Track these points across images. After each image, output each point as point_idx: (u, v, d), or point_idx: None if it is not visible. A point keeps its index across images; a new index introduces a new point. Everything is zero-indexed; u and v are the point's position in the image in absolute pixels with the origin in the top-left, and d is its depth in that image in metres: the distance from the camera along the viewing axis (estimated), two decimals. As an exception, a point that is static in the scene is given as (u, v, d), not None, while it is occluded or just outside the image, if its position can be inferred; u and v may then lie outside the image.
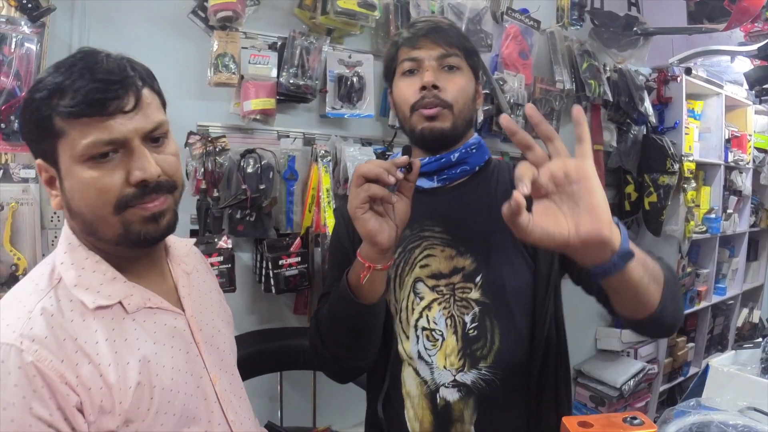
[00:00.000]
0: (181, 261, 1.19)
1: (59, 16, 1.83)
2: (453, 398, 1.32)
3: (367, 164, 1.14)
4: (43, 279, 0.99)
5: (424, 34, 1.35)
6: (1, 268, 1.64)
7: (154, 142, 0.99)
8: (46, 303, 0.94)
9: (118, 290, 1.01)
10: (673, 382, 3.98)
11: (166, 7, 2.04)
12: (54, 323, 0.92)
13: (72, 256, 1.01)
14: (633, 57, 3.44)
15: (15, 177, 1.66)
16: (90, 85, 0.92)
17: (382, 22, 2.43)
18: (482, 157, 1.43)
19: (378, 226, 1.15)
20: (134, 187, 0.95)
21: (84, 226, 0.99)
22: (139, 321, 1.02)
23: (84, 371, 0.91)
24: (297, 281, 2.17)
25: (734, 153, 4.27)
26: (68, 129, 0.92)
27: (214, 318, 1.23)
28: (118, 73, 0.95)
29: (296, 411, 2.32)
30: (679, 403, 1.47)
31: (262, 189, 2.09)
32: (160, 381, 1.00)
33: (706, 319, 4.24)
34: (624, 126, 3.59)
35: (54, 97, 0.92)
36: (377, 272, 1.20)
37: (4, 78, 1.62)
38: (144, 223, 0.97)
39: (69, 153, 0.93)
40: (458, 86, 1.34)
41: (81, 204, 0.96)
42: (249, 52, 2.09)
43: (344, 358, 1.35)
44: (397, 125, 2.45)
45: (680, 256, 3.76)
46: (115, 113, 0.92)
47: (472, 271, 1.33)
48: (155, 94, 1.02)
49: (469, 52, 1.39)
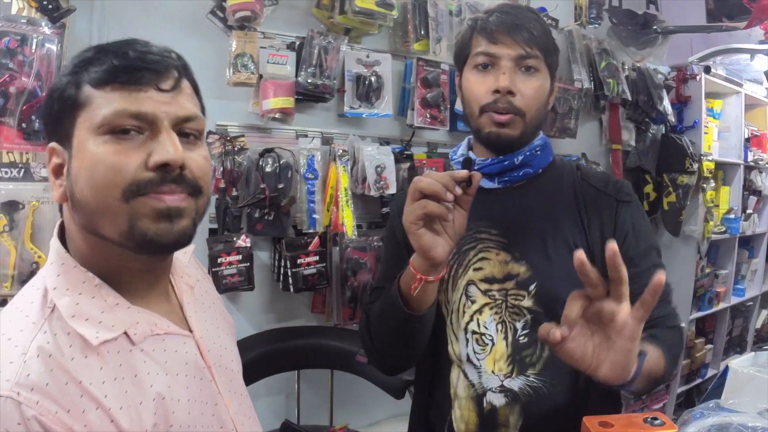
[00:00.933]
0: (183, 273, 1.04)
1: (79, 17, 1.84)
2: (499, 403, 1.30)
3: (425, 178, 1.08)
4: (34, 309, 0.82)
5: (504, 28, 1.26)
6: (23, 266, 1.65)
7: (185, 137, 0.86)
8: (41, 341, 0.78)
9: (122, 318, 0.85)
10: (691, 384, 3.94)
11: (184, 8, 2.05)
12: (53, 365, 0.77)
13: (66, 279, 0.84)
14: (652, 55, 3.41)
15: (36, 176, 1.67)
16: (130, 53, 0.82)
17: (400, 21, 2.43)
18: (546, 158, 1.37)
19: (432, 241, 1.10)
20: (152, 172, 0.80)
21: (85, 220, 0.83)
22: (147, 351, 0.87)
23: (92, 419, 0.77)
24: (315, 280, 2.18)
25: (754, 152, 4.22)
26: (94, 97, 0.81)
27: (220, 335, 1.09)
28: (159, 53, 0.85)
29: (313, 409, 2.32)
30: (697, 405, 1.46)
31: (280, 188, 2.09)
32: (176, 419, 0.87)
33: (724, 321, 4.20)
34: (643, 125, 3.57)
35: (86, 67, 0.83)
36: (428, 284, 1.16)
37: (25, 78, 1.63)
38: (155, 220, 0.81)
39: (87, 124, 0.81)
40: (534, 91, 1.27)
41: (86, 187, 0.80)
42: (267, 52, 2.10)
43: (390, 355, 1.35)
44: (415, 124, 2.45)
45: (699, 257, 3.74)
46: (148, 86, 0.82)
47: (526, 279, 1.29)
48: (195, 94, 0.92)
49: (549, 51, 1.31)
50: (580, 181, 1.38)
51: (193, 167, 0.85)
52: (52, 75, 1.67)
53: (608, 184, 1.36)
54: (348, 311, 2.29)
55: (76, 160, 0.81)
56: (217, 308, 1.15)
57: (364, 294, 2.28)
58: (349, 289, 2.27)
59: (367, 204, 2.43)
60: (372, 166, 2.27)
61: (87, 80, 0.81)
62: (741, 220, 4.05)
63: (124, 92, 0.80)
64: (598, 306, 0.93)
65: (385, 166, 2.30)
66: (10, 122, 1.61)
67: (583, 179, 1.38)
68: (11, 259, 1.63)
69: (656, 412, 1.03)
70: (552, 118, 2.99)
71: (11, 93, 1.61)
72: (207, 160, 0.90)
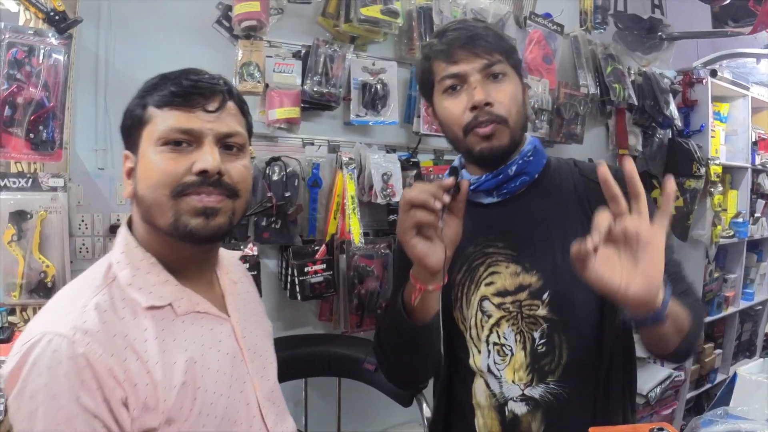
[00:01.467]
0: (228, 270, 1.23)
1: (86, 28, 1.85)
2: (521, 411, 1.31)
3: (413, 190, 1.12)
4: (98, 276, 1.03)
5: (460, 45, 1.26)
6: (31, 275, 1.65)
7: (229, 150, 1.06)
8: (100, 299, 0.98)
9: (169, 292, 1.05)
10: (701, 389, 3.92)
11: (190, 17, 2.06)
12: (106, 318, 0.96)
13: (128, 256, 1.05)
14: (657, 60, 3.41)
15: (44, 186, 1.67)
16: (184, 82, 1.03)
17: (405, 29, 2.43)
18: (540, 162, 1.37)
19: (427, 250, 1.14)
20: (195, 176, 1.00)
21: (144, 213, 1.04)
22: (187, 324, 1.06)
23: (132, 367, 0.95)
24: (322, 288, 2.18)
25: (761, 155, 4.21)
26: (155, 116, 1.02)
27: (257, 329, 1.25)
28: (209, 80, 1.06)
29: (321, 417, 2.32)
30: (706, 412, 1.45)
31: (287, 196, 2.10)
32: (204, 383, 1.03)
33: (733, 325, 4.18)
34: (649, 130, 3.56)
35: (152, 90, 1.04)
36: (429, 293, 1.19)
37: (32, 89, 1.64)
38: (194, 216, 1.00)
39: (149, 137, 1.02)
40: (509, 96, 1.27)
41: (144, 186, 1.02)
42: (273, 61, 2.10)
43: (402, 368, 1.39)
44: (421, 132, 2.45)
45: (707, 261, 3.72)
46: (197, 108, 1.02)
47: (538, 289, 1.30)
48: (242, 115, 1.11)
49: (509, 53, 1.30)
50: (579, 177, 1.38)
51: (232, 174, 1.04)
52: (59, 85, 1.68)
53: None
54: (355, 319, 2.29)
55: (140, 165, 1.03)
56: (257, 309, 1.32)
57: (372, 302, 2.28)
58: (356, 296, 2.27)
59: (373, 212, 2.43)
60: (378, 173, 2.27)
61: (151, 102, 1.03)
62: (749, 224, 4.03)
63: (178, 112, 1.01)
64: (622, 224, 0.98)
65: (391, 174, 2.30)
66: (18, 132, 1.62)
67: (582, 175, 1.38)
68: (19, 268, 1.63)
69: (663, 423, 1.03)
70: (558, 124, 2.99)
71: (19, 103, 1.61)
72: (247, 168, 1.09)
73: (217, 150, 1.02)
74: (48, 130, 1.66)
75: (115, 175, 1.97)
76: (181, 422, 0.99)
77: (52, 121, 1.66)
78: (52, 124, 1.66)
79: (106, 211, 1.97)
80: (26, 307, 1.66)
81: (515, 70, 1.32)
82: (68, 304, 0.98)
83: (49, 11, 1.65)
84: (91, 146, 1.95)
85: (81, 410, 0.90)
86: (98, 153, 1.96)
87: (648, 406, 3.42)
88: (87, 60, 1.89)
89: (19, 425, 0.92)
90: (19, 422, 0.92)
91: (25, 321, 1.66)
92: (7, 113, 1.60)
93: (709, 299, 3.83)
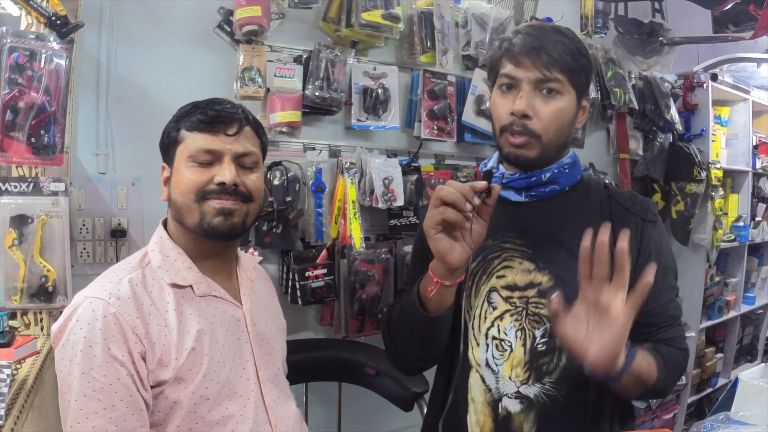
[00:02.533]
0: (247, 269, 1.46)
1: (87, 32, 1.86)
2: (514, 409, 1.32)
3: (446, 187, 1.14)
4: (135, 260, 1.30)
5: (526, 52, 1.27)
6: (32, 280, 1.65)
7: (245, 167, 1.30)
8: (133, 275, 1.25)
9: (192, 276, 1.29)
10: (702, 394, 3.91)
11: (192, 22, 2.07)
12: (137, 290, 1.22)
13: (161, 246, 1.32)
14: (658, 64, 3.41)
15: (45, 190, 1.67)
16: (209, 112, 1.27)
17: (406, 33, 2.43)
18: (574, 176, 1.40)
19: (449, 247, 1.16)
20: (216, 186, 1.25)
21: (175, 213, 1.29)
22: (204, 304, 1.30)
23: (153, 329, 1.20)
24: (323, 293, 2.18)
25: (762, 159, 4.20)
26: (187, 138, 1.27)
27: (269, 322, 1.47)
28: (231, 109, 1.30)
29: (322, 422, 2.32)
30: (707, 417, 1.45)
31: (288, 201, 2.10)
32: (211, 351, 1.25)
33: (735, 329, 4.18)
34: (650, 134, 3.56)
35: (185, 116, 1.29)
36: (445, 288, 1.21)
37: (34, 93, 1.63)
38: (215, 215, 1.25)
39: (182, 155, 1.27)
40: (551, 114, 1.28)
41: (176, 192, 1.27)
42: (275, 66, 2.11)
43: (408, 355, 1.42)
44: (422, 136, 2.46)
45: (708, 265, 3.72)
46: (219, 132, 1.27)
47: (548, 288, 1.31)
48: (257, 137, 1.35)
49: (574, 72, 1.29)
50: (607, 198, 1.40)
51: (248, 185, 1.29)
52: (61, 90, 1.67)
53: (635, 203, 1.39)
54: (356, 324, 2.28)
55: (174, 176, 1.29)
56: (273, 307, 1.55)
57: (372, 306, 2.28)
58: (357, 301, 2.27)
59: (374, 216, 2.43)
60: (380, 178, 2.27)
61: (183, 126, 1.29)
62: (750, 228, 4.02)
63: (204, 135, 1.27)
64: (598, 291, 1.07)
65: (392, 179, 2.30)
66: (20, 137, 1.61)
67: (610, 197, 1.40)
68: (20, 272, 1.62)
69: (665, 430, 1.03)
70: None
71: (20, 108, 1.61)
72: (260, 179, 1.34)
73: (234, 166, 1.27)
74: (49, 134, 1.65)
75: (116, 179, 1.98)
76: (189, 382, 1.21)
77: (53, 126, 1.66)
78: (54, 129, 1.66)
79: (107, 215, 1.97)
80: (27, 312, 1.66)
81: (576, 90, 1.32)
82: (107, 278, 1.24)
83: (50, 16, 1.65)
84: (92, 150, 1.95)
85: (111, 358, 1.14)
86: (99, 157, 1.96)
87: (649, 411, 3.41)
88: (88, 64, 1.90)
89: (62, 369, 1.15)
90: (62, 367, 1.15)
91: (26, 325, 1.66)
92: (8, 117, 1.59)
93: (711, 303, 3.82)
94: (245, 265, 1.47)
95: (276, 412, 1.36)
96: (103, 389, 1.13)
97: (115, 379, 1.14)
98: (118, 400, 1.14)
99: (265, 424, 1.33)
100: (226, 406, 1.27)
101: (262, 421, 1.32)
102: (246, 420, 1.29)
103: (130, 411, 1.15)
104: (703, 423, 1.41)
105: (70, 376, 1.13)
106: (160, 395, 1.20)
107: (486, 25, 2.60)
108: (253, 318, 1.38)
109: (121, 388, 1.14)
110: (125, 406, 1.14)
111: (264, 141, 1.39)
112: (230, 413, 1.27)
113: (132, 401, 1.15)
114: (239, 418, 1.28)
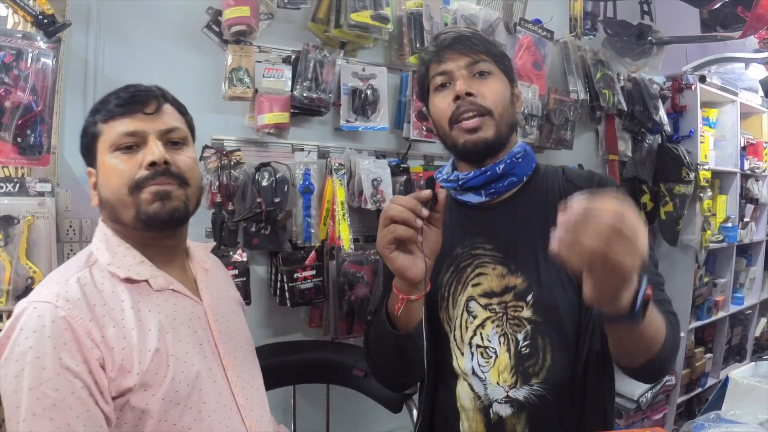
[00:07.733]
0: (199, 260, 1.37)
1: (75, 32, 1.84)
2: (506, 413, 1.32)
3: (393, 207, 1.14)
4: (80, 260, 1.18)
5: (448, 45, 1.34)
6: (18, 281, 1.64)
7: (174, 145, 1.22)
8: (81, 275, 1.13)
9: (146, 271, 1.19)
10: (691, 394, 3.93)
11: (180, 22, 2.05)
12: (87, 291, 1.10)
13: (107, 243, 1.20)
14: (647, 66, 3.42)
15: (31, 191, 1.66)
16: (122, 94, 1.20)
17: (395, 34, 2.43)
18: (529, 165, 1.40)
19: (407, 262, 1.17)
20: (146, 170, 1.15)
21: (110, 213, 1.20)
22: (162, 299, 1.19)
23: (109, 333, 1.08)
24: (312, 294, 2.17)
25: (750, 161, 4.23)
26: (105, 129, 1.19)
27: (230, 313, 1.38)
28: (145, 89, 1.22)
29: (310, 424, 2.31)
30: (698, 416, 1.46)
31: (276, 202, 2.09)
32: (176, 350, 1.15)
33: (723, 330, 4.21)
34: (639, 135, 3.58)
35: (100, 106, 1.21)
36: (411, 303, 1.22)
37: (20, 93, 1.63)
38: (151, 202, 1.15)
39: (103, 147, 1.19)
40: (493, 90, 1.32)
41: (106, 189, 1.18)
42: (263, 66, 2.10)
43: (390, 373, 1.42)
44: (411, 137, 2.45)
45: (697, 266, 3.74)
46: (137, 113, 1.18)
47: (523, 290, 1.32)
48: (180, 114, 1.28)
49: (498, 57, 1.36)
50: (565, 183, 1.40)
51: (179, 164, 1.20)
52: (48, 90, 1.67)
53: (593, 182, 1.38)
54: (345, 325, 2.28)
55: (100, 173, 1.20)
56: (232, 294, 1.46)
57: (362, 308, 2.27)
58: (346, 303, 2.26)
59: (363, 218, 2.42)
60: (368, 179, 2.27)
61: (99, 119, 1.20)
62: (738, 229, 4.06)
63: (122, 120, 1.18)
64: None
65: (381, 180, 2.30)
66: (6, 137, 1.61)
67: (568, 181, 1.40)
68: (6, 274, 1.62)
69: (657, 428, 1.03)
70: (548, 130, 3.00)
71: (7, 107, 1.60)
72: (192, 159, 1.25)
73: (160, 143, 1.18)
74: (36, 134, 1.65)
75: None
76: (156, 387, 1.09)
77: (39, 126, 1.65)
78: (40, 129, 1.65)
79: (94, 216, 1.95)
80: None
81: (504, 74, 1.37)
82: (51, 280, 1.12)
83: (37, 14, 1.64)
84: (79, 151, 1.94)
85: (63, 369, 1.01)
86: (86, 158, 1.95)
87: (639, 411, 3.42)
88: (76, 64, 1.88)
89: (7, 387, 1.01)
90: (7, 384, 1.01)
91: (12, 327, 1.64)
92: (-6, 117, 1.59)
93: (699, 304, 3.85)
94: (197, 255, 1.38)
95: (249, 412, 1.26)
96: (55, 406, 0.99)
97: (68, 393, 1.01)
98: (73, 418, 1.01)
99: (239, 425, 1.23)
100: (199, 409, 1.15)
101: (236, 423, 1.23)
102: (218, 424, 1.19)
103: (88, 429, 1.02)
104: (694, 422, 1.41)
105: (17, 393, 0.99)
106: (126, 406, 1.07)
107: (475, 26, 2.60)
108: (215, 313, 1.29)
109: (77, 403, 1.01)
110: (82, 424, 1.01)
111: (189, 119, 1.31)
112: (202, 417, 1.16)
113: (89, 417, 1.02)
114: (211, 421, 1.17)
